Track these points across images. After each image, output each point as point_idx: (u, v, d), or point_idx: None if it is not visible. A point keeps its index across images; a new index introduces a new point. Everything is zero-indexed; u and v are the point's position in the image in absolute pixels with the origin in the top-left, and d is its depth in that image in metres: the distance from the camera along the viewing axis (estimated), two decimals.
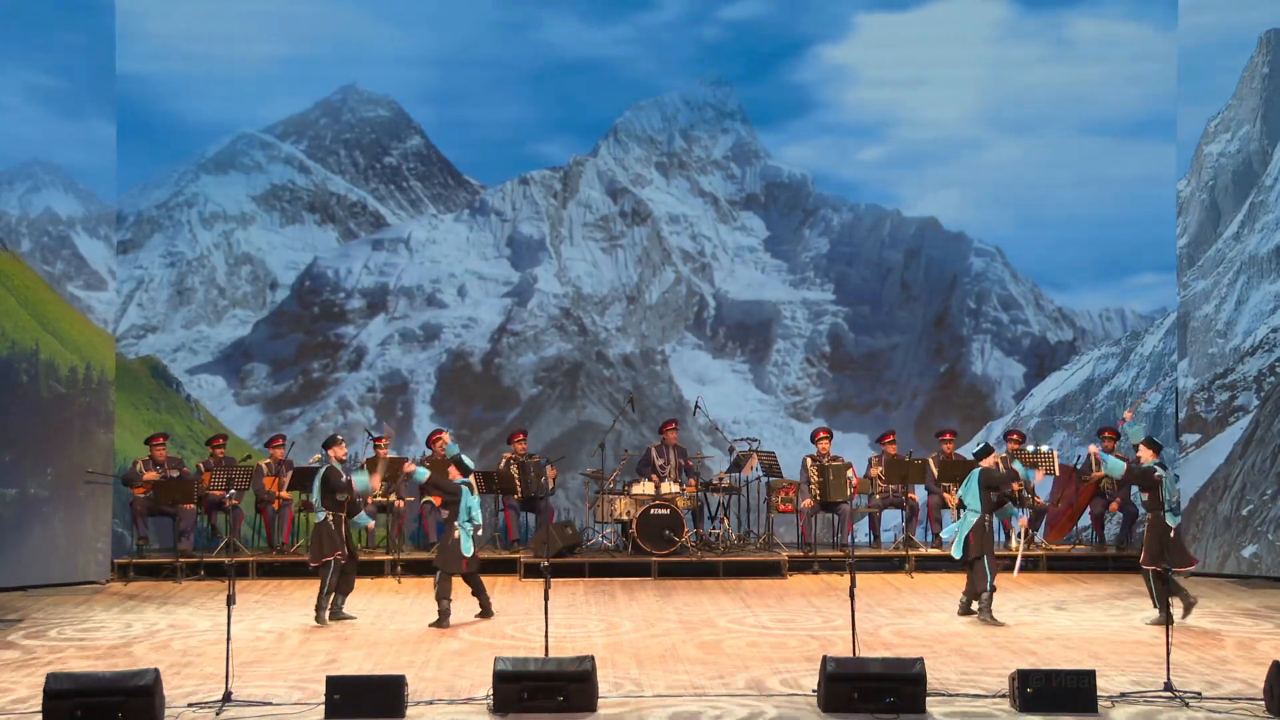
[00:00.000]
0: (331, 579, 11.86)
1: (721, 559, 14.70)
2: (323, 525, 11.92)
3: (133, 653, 10.60)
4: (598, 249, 18.87)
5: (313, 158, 18.59)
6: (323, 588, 11.85)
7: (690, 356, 18.63)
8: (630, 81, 18.51)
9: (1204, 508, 15.23)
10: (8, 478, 14.30)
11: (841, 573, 14.28)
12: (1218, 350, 15.49)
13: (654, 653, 10.49)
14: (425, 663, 10.15)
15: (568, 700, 8.53)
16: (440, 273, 18.54)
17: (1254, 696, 8.79)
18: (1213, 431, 15.34)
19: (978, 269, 18.58)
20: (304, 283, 18.31)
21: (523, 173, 18.92)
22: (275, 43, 17.73)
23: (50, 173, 15.44)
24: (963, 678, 9.50)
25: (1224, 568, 14.97)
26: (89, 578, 14.47)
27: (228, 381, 17.89)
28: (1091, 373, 18.15)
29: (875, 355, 18.54)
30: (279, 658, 10.36)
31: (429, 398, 18.15)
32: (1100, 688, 8.73)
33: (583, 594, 13.50)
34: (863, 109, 18.29)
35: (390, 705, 8.39)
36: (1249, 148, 15.68)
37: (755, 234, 18.97)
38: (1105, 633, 11.40)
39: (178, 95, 17.48)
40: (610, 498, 15.10)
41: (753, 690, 9.19)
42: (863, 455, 16.36)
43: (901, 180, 18.50)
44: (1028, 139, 18.07)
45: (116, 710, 8.09)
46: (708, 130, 19.11)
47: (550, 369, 18.30)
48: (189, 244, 18.15)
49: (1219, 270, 15.69)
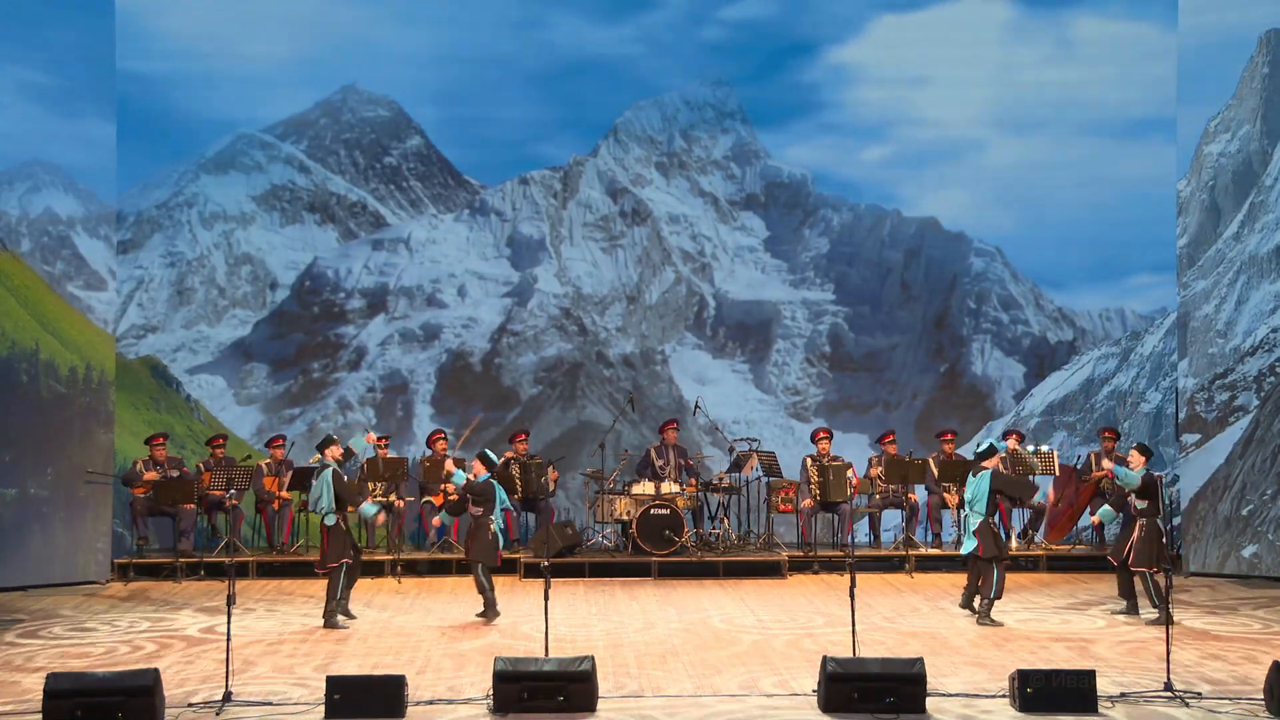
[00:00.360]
0: (342, 583, 11.81)
1: (721, 559, 14.69)
2: (334, 529, 11.81)
3: (133, 653, 10.60)
4: (598, 249, 18.87)
5: (313, 158, 18.59)
6: (334, 593, 11.72)
7: (690, 356, 18.63)
8: (630, 81, 18.52)
9: (1204, 508, 15.22)
10: (8, 478, 14.29)
11: (841, 573, 14.27)
12: (1218, 350, 15.49)
13: (654, 653, 10.48)
14: (425, 663, 10.14)
15: (568, 700, 8.53)
16: (440, 273, 18.54)
17: (1254, 696, 8.79)
18: (1213, 431, 15.34)
19: (978, 269, 18.58)
20: (304, 283, 18.31)
21: (523, 173, 18.92)
22: (275, 43, 17.73)
23: (50, 173, 15.44)
24: (963, 678, 9.50)
25: (1224, 568, 14.96)
26: (89, 578, 14.46)
27: (228, 381, 17.89)
28: (1091, 373, 18.15)
29: (875, 355, 18.54)
30: (279, 658, 10.36)
31: (429, 398, 18.15)
32: (1100, 688, 8.73)
33: (583, 594, 13.50)
34: (862, 109, 18.29)
35: (390, 705, 8.39)
36: (1249, 148, 15.67)
37: (755, 234, 18.97)
38: (1105, 633, 11.40)
39: (177, 95, 17.49)
40: (610, 498, 15.10)
41: (752, 690, 9.19)
42: (863, 455, 16.35)
43: (901, 180, 18.51)
44: (1028, 139, 18.07)
45: (116, 710, 8.09)
46: (708, 130, 19.11)
47: (550, 369, 18.30)
48: (189, 244, 18.15)
49: (1219, 270, 15.68)
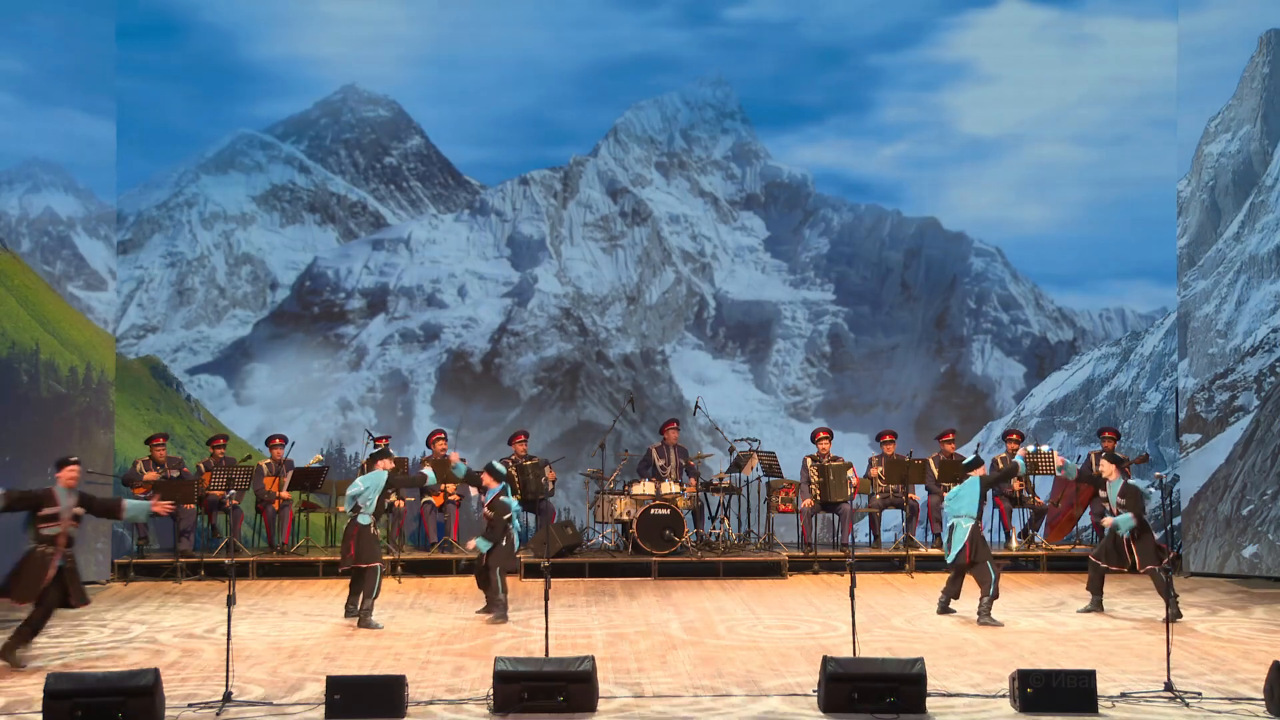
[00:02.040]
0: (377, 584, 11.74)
1: (722, 559, 14.69)
2: (366, 530, 11.75)
3: (133, 653, 10.60)
4: (598, 249, 18.86)
5: (313, 158, 18.59)
6: (371, 591, 11.65)
7: (690, 356, 18.62)
8: (630, 81, 18.52)
9: (1204, 508, 15.22)
10: (8, 478, 14.23)
11: (842, 573, 14.27)
12: (1218, 350, 15.48)
13: (654, 653, 10.48)
14: (425, 663, 10.14)
15: (568, 700, 8.53)
16: (440, 273, 18.53)
17: (1254, 697, 8.79)
18: (1213, 431, 15.34)
19: (978, 269, 18.58)
20: (304, 283, 18.31)
21: (523, 173, 18.92)
22: (275, 43, 17.74)
23: (50, 173, 15.44)
24: (963, 678, 9.50)
25: (1224, 568, 14.96)
26: (89, 578, 14.38)
27: (228, 381, 17.89)
28: (1092, 373, 18.15)
29: (875, 355, 18.54)
30: (279, 658, 10.36)
31: (429, 398, 18.15)
32: (1100, 688, 8.73)
33: (583, 594, 13.50)
34: (861, 109, 18.29)
35: (390, 705, 8.39)
36: (1249, 148, 15.67)
37: (755, 234, 18.97)
38: (1105, 633, 11.40)
39: (178, 94, 17.49)
40: (610, 498, 15.10)
41: (753, 690, 9.18)
42: (863, 455, 16.35)
43: (901, 180, 18.51)
44: (1028, 139, 18.07)
45: (116, 710, 8.09)
46: (708, 130, 19.10)
47: (550, 369, 18.30)
48: (189, 244, 18.15)
49: (1219, 270, 15.68)
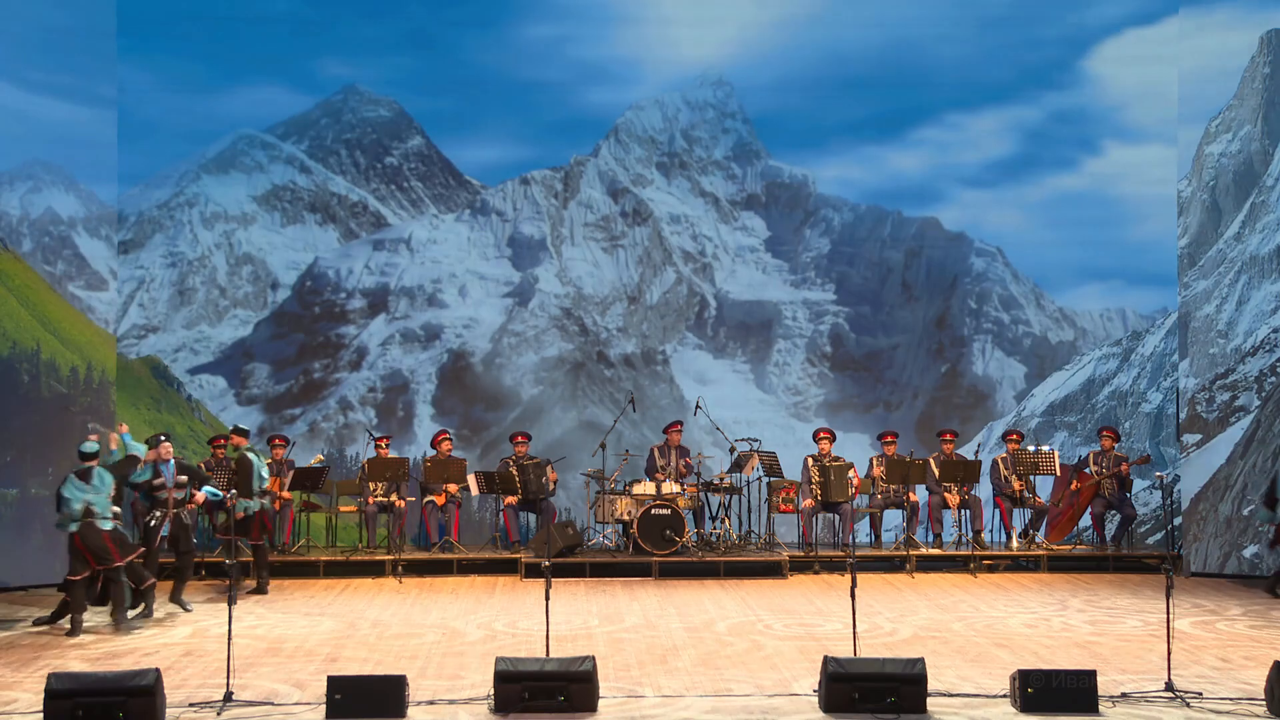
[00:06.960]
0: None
1: (722, 559, 14.69)
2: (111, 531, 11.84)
3: (133, 653, 10.60)
4: (599, 249, 18.87)
5: (314, 158, 18.59)
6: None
7: (691, 356, 18.62)
8: (631, 81, 18.53)
9: (1205, 508, 15.22)
10: (8, 478, 14.30)
11: (842, 573, 14.27)
12: (1219, 350, 15.48)
13: (655, 653, 10.48)
14: (425, 663, 10.15)
15: (568, 700, 8.53)
16: (441, 273, 18.54)
17: (1254, 696, 8.79)
18: (1214, 432, 15.34)
19: (978, 269, 18.58)
20: (305, 283, 18.31)
21: (523, 173, 18.92)
22: (276, 43, 17.74)
23: (51, 173, 15.45)
24: (963, 678, 9.50)
25: (1225, 568, 14.96)
26: None
27: (229, 381, 17.90)
28: (1092, 373, 18.15)
29: (876, 355, 18.54)
30: (279, 658, 10.36)
31: (430, 398, 18.15)
32: (1101, 688, 8.73)
33: (583, 594, 13.50)
34: (860, 109, 18.30)
35: (391, 705, 8.39)
36: (1250, 148, 15.67)
37: (756, 234, 18.97)
38: (1105, 633, 11.40)
39: (178, 95, 17.49)
40: (611, 498, 15.10)
41: (754, 690, 9.19)
42: (864, 455, 16.35)
43: (902, 180, 18.51)
44: (1028, 139, 18.08)
45: (117, 710, 8.09)
46: (708, 130, 19.11)
47: (551, 369, 18.30)
48: (190, 244, 18.16)
49: (1220, 270, 15.68)
